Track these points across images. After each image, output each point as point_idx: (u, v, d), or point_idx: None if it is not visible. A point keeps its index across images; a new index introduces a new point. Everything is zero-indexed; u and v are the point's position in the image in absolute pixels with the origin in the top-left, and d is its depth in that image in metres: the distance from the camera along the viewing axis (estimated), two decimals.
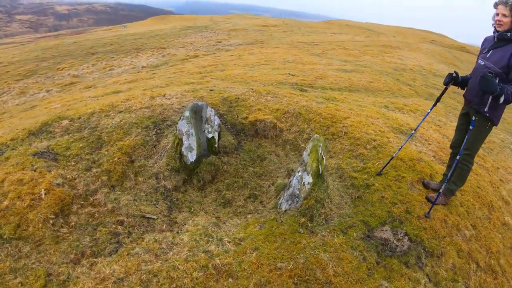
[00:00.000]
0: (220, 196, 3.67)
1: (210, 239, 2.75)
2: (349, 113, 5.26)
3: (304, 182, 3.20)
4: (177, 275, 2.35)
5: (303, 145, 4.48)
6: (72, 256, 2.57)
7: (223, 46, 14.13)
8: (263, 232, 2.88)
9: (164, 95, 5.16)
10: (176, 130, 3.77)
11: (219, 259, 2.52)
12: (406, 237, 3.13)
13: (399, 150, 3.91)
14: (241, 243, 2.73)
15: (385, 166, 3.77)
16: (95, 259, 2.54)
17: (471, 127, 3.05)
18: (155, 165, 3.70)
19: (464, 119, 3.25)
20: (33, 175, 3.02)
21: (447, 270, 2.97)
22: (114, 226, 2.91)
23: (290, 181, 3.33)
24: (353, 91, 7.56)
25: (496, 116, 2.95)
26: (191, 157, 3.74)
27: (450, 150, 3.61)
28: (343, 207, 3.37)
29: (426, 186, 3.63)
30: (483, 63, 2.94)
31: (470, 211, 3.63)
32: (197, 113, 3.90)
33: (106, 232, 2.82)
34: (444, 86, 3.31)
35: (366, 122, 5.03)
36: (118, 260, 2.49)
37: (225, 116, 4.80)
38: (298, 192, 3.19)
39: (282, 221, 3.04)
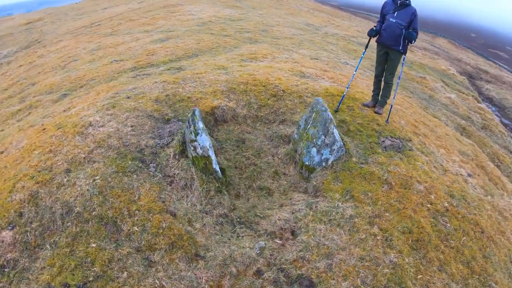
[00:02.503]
0: None
1: None
2: (258, 72, 5.96)
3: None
4: None
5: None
6: None
7: None
8: None
9: None
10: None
11: None
12: (389, 137, 4.53)
13: (347, 88, 5.33)
14: None
15: (339, 104, 5.13)
16: None
17: (391, 59, 4.94)
18: None
19: (383, 57, 5.02)
20: None
21: (416, 143, 4.63)
22: None
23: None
24: (196, 55, 8.19)
25: (406, 50, 4.90)
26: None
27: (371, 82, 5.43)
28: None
29: (365, 105, 5.33)
30: (394, 20, 4.71)
31: (405, 114, 5.47)
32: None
33: None
34: (369, 37, 5.02)
35: (279, 75, 5.90)
36: None
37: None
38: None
39: None
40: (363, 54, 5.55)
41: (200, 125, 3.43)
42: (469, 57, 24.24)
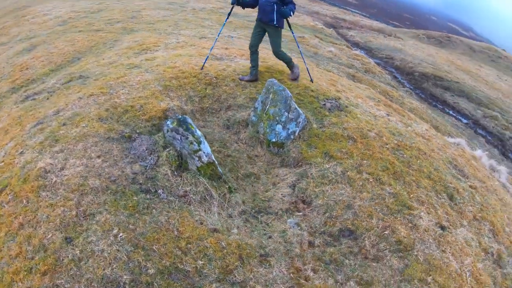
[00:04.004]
0: None
1: None
2: (178, 64, 6.05)
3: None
4: None
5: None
6: None
7: None
8: None
9: None
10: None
11: None
12: (326, 99, 5.41)
13: (210, 51, 6.27)
14: None
15: (204, 62, 5.98)
16: None
17: (271, 35, 5.46)
18: None
19: (260, 34, 5.54)
20: None
21: (344, 99, 5.64)
22: None
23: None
24: (79, 58, 7.79)
25: (282, 24, 5.37)
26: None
27: (248, 52, 5.82)
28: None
29: (242, 79, 5.80)
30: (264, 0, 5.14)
31: (315, 75, 6.32)
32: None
33: None
34: (232, 6, 5.54)
35: (199, 62, 6.09)
36: None
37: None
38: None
39: None
40: (225, 21, 6.18)
41: (199, 132, 3.48)
42: (324, 8, 27.99)
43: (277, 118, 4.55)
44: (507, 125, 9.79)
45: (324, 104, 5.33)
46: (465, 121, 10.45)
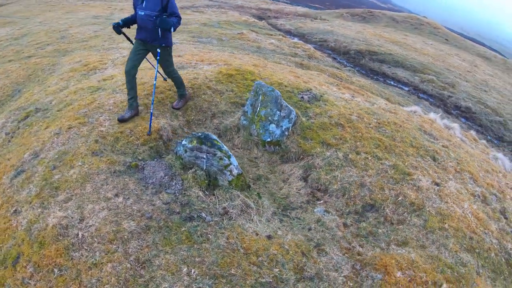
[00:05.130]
0: None
1: None
2: (148, 79, 6.15)
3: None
4: None
5: None
6: None
7: None
8: None
9: None
10: None
11: None
12: (302, 92, 5.94)
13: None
14: None
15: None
16: None
17: (158, 57, 4.67)
18: None
19: (141, 54, 4.72)
20: None
21: (314, 88, 6.24)
22: None
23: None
24: (19, 90, 7.58)
25: (170, 42, 4.71)
26: None
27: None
28: None
29: (121, 120, 4.79)
30: (143, 13, 4.39)
31: (277, 70, 6.80)
32: None
33: None
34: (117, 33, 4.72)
35: None
36: None
37: None
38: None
39: None
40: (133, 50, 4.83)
41: (225, 147, 3.72)
42: (246, 1, 28.75)
43: (270, 118, 4.96)
44: (443, 86, 11.34)
45: (302, 97, 5.86)
46: (406, 88, 11.83)
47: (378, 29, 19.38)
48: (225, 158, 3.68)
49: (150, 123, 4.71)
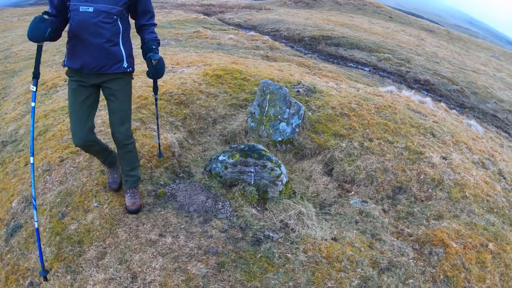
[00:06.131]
0: None
1: None
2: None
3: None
4: None
5: None
6: None
7: None
8: None
9: None
10: None
11: None
12: (296, 85, 6.18)
13: None
14: None
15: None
16: None
17: (112, 94, 2.83)
18: None
19: (87, 94, 2.79)
20: None
21: (303, 80, 6.52)
22: None
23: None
24: None
25: (133, 64, 2.91)
26: None
27: None
28: None
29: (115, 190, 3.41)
30: (91, 9, 2.50)
31: (256, 66, 6.95)
32: None
33: None
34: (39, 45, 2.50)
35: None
36: None
37: None
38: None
39: None
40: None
41: (273, 156, 3.77)
42: None
43: (279, 116, 5.13)
44: (400, 62, 12.26)
45: (298, 91, 6.09)
46: (367, 69, 12.58)
47: (324, 14, 20.18)
48: (276, 168, 3.64)
49: (159, 147, 4.18)
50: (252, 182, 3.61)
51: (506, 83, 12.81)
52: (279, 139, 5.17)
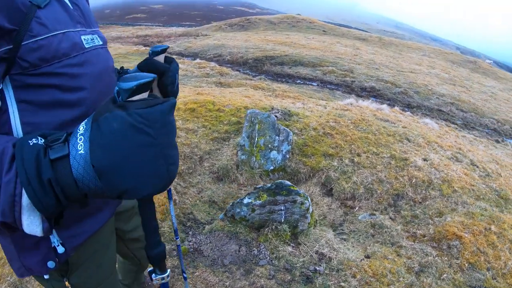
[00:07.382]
0: None
1: None
2: None
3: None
4: None
5: None
6: None
7: None
8: None
9: None
10: None
11: None
12: (271, 111, 6.49)
13: None
14: None
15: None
16: None
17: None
18: None
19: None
20: None
21: (274, 104, 6.86)
22: None
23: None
24: None
25: None
26: None
27: None
28: None
29: None
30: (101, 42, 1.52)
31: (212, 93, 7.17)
32: None
33: None
34: None
35: None
36: None
37: None
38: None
39: None
40: None
41: (300, 190, 3.84)
42: (121, 31, 27.79)
43: (269, 145, 5.33)
44: (344, 73, 13.22)
45: (276, 116, 6.35)
46: (315, 84, 13.36)
47: (260, 34, 21.05)
48: (305, 201, 3.66)
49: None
50: (283, 220, 3.60)
51: (442, 78, 14.41)
52: (271, 168, 5.34)
